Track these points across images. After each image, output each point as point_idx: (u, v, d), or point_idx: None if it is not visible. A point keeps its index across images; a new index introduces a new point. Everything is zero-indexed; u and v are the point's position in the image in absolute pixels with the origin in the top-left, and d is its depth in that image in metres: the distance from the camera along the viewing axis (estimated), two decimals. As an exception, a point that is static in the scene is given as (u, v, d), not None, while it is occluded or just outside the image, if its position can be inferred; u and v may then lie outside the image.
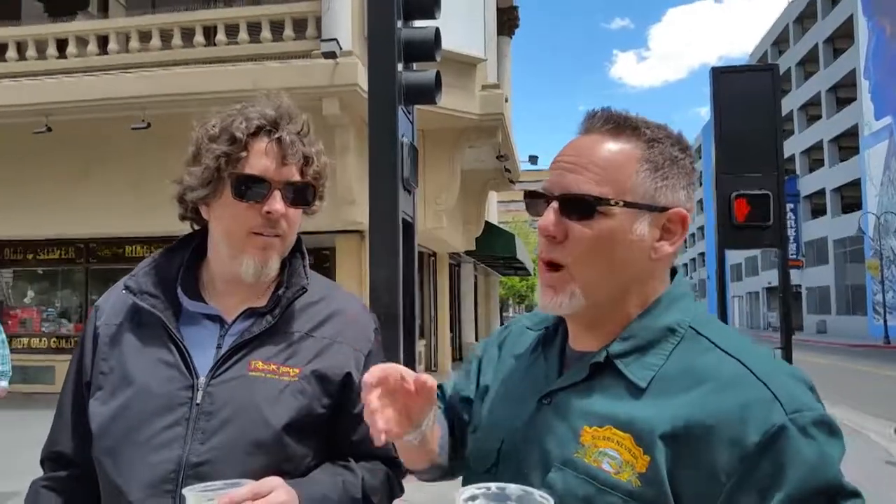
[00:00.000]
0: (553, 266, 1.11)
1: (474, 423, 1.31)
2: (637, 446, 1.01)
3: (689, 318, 1.12)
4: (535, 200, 1.14)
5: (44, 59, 12.23)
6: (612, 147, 1.10)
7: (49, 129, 11.65)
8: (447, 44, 7.27)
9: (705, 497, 0.97)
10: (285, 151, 1.41)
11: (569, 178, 1.09)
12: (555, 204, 1.09)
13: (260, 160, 1.40)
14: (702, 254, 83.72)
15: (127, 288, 1.46)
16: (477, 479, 1.11)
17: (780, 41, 59.39)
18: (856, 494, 0.96)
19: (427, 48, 6.04)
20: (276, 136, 1.41)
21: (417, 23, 6.26)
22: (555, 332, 1.25)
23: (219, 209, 1.44)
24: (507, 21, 18.98)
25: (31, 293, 14.55)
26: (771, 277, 55.03)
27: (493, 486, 0.95)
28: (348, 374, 1.45)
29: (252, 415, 1.34)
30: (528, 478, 1.09)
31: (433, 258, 18.28)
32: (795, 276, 51.26)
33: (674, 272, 1.20)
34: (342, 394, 1.44)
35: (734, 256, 70.25)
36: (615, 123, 1.12)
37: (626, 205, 1.08)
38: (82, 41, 12.28)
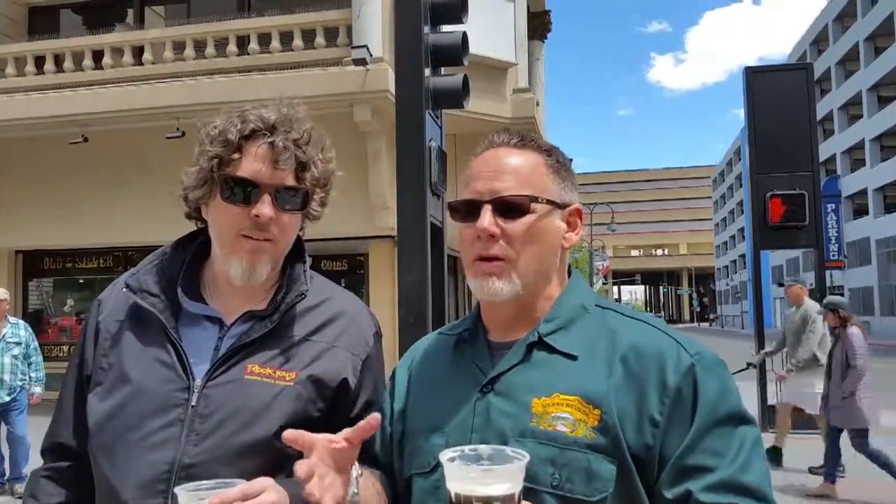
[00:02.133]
0: (493, 259, 1.25)
1: (401, 440, 1.38)
2: (585, 404, 1.16)
3: (593, 299, 1.34)
4: (461, 209, 1.29)
5: (81, 71, 12.50)
6: (525, 157, 1.30)
7: (85, 139, 11.90)
8: (477, 48, 7.25)
9: (647, 438, 1.13)
10: (277, 156, 1.39)
11: (496, 185, 1.26)
12: (489, 207, 1.25)
13: (251, 163, 1.39)
14: (742, 256, 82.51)
15: (127, 286, 1.46)
16: (423, 478, 1.26)
17: (819, 40, 58.27)
18: (753, 422, 1.17)
19: (454, 53, 6.02)
20: (269, 140, 1.39)
21: (445, 27, 6.25)
22: (474, 331, 1.36)
23: (212, 210, 1.45)
24: (539, 25, 18.90)
25: (70, 301, 14.84)
26: (813, 279, 54.05)
27: (467, 448, 1.03)
28: (344, 380, 1.44)
29: (246, 418, 1.34)
30: None
31: (466, 263, 18.23)
32: (837, 277, 50.15)
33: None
34: (338, 399, 1.43)
35: (776, 258, 69.11)
36: (520, 138, 1.32)
37: (547, 202, 1.27)
38: (118, 52, 12.52)
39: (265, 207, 1.38)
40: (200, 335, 1.44)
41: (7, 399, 7.24)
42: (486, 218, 1.24)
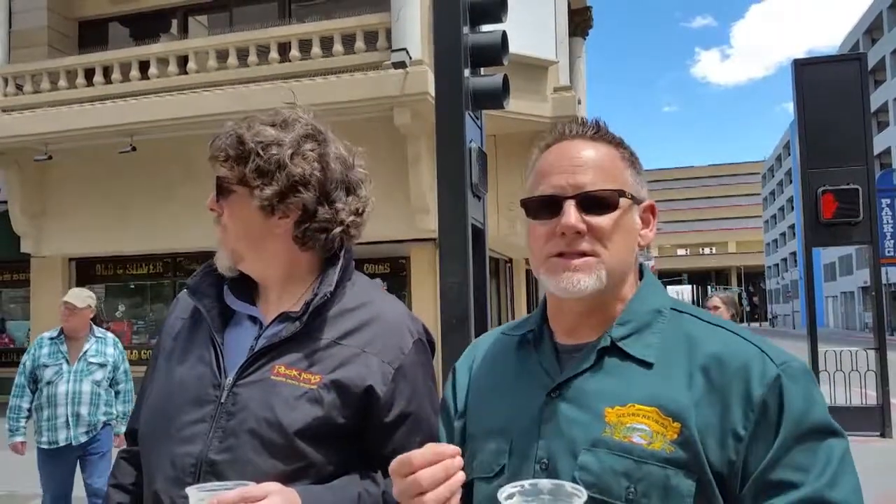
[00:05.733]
0: (579, 255, 1.19)
1: (462, 441, 1.33)
2: (664, 416, 1.10)
3: (668, 302, 1.25)
4: (539, 205, 1.23)
5: (128, 82, 12.77)
6: (602, 150, 1.24)
7: (133, 149, 12.15)
8: (517, 47, 7.20)
9: (729, 453, 1.07)
10: (211, 150, 1.48)
11: (579, 179, 1.20)
12: (572, 202, 1.18)
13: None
14: (793, 253, 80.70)
15: (186, 287, 1.56)
16: (486, 483, 1.20)
17: (872, 29, 56.68)
18: (842, 434, 1.10)
19: (494, 53, 5.99)
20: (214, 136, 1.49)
21: (484, 27, 6.21)
22: (540, 333, 1.30)
23: None
24: (580, 22, 18.72)
25: (121, 307, 15.16)
26: (867, 276, 52.39)
27: (527, 483, 1.01)
28: (370, 387, 1.41)
29: (267, 418, 1.36)
30: (554, 468, 1.14)
31: (509, 264, 18.17)
32: (894, 275, 48.60)
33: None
34: (365, 406, 1.41)
35: (827, 255, 67.42)
36: (595, 129, 1.26)
37: (630, 197, 1.22)
38: (163, 62, 12.76)
39: (209, 198, 1.51)
40: (242, 334, 1.49)
41: (84, 439, 5.34)
42: (572, 214, 1.17)
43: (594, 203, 1.18)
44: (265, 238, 1.48)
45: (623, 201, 1.20)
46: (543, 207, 1.21)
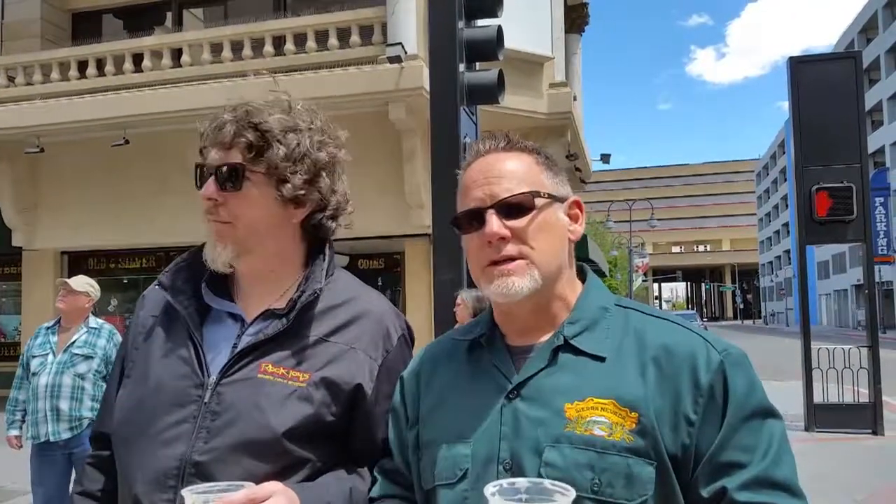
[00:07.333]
0: (508, 260, 1.23)
1: (416, 450, 1.34)
2: (622, 408, 1.14)
3: (612, 299, 1.32)
4: (465, 220, 1.28)
5: (121, 74, 12.70)
6: (515, 159, 1.29)
7: (127, 142, 12.08)
8: (513, 43, 7.20)
9: (683, 437, 1.13)
10: (215, 135, 1.40)
11: (495, 189, 1.25)
12: (492, 211, 1.24)
13: (207, 150, 1.43)
14: (787, 251, 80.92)
15: (159, 283, 1.48)
16: (449, 489, 1.21)
17: (867, 28, 56.79)
18: (779, 415, 1.18)
19: (489, 47, 5.98)
20: (215, 123, 1.41)
21: (480, 22, 6.19)
22: (491, 336, 1.33)
23: None
24: (576, 19, 18.69)
25: (114, 301, 15.08)
26: (860, 274, 52.47)
27: (504, 482, 1.02)
28: (359, 385, 1.39)
29: (255, 417, 1.31)
30: (519, 468, 1.15)
31: (504, 260, 18.15)
32: (887, 273, 48.82)
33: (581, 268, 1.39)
34: (354, 404, 1.39)
35: (821, 253, 67.65)
36: (507, 141, 1.32)
37: (548, 196, 1.27)
38: (157, 55, 12.69)
39: (207, 187, 1.41)
40: (222, 332, 1.43)
41: (68, 436, 4.94)
42: (494, 222, 1.22)
43: (512, 208, 1.24)
44: (279, 229, 1.44)
45: (539, 201, 1.25)
46: (469, 221, 1.27)
